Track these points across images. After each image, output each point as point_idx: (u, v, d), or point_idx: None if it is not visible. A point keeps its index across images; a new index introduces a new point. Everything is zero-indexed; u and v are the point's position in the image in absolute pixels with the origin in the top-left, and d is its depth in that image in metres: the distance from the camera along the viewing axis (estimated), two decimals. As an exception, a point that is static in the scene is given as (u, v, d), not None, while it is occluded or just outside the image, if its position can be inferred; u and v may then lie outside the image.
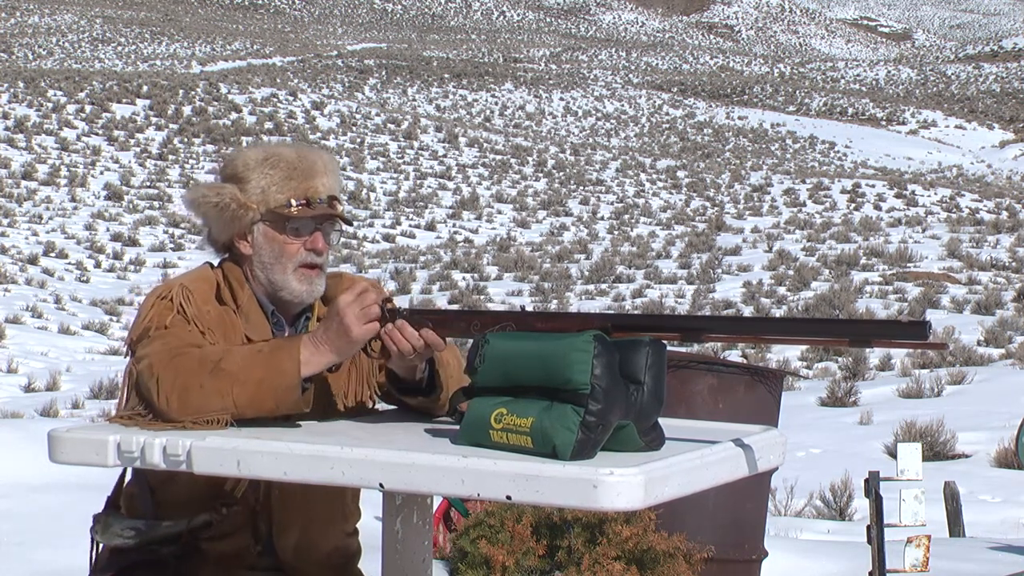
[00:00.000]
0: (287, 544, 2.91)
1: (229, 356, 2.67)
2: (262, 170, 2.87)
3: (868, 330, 2.39)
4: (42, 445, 2.79)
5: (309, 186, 2.87)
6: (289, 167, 2.87)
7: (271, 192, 2.86)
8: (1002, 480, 13.40)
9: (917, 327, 2.28)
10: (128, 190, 50.39)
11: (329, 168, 2.93)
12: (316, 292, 2.91)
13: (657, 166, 64.43)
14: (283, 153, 2.90)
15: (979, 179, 77.22)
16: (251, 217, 2.86)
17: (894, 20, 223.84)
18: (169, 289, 2.85)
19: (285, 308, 2.92)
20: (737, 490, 5.61)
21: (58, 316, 29.99)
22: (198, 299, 2.84)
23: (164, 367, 2.69)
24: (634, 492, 2.20)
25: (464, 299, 32.50)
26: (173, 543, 2.86)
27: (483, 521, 5.98)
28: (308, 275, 2.89)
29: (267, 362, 2.65)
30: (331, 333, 2.65)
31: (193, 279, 2.89)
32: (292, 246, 2.87)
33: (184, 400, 2.65)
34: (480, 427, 2.41)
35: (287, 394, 2.65)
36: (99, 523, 2.91)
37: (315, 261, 2.88)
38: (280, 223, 2.86)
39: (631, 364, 2.38)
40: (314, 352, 2.65)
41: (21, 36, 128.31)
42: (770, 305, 30.68)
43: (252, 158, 2.89)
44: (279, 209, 2.85)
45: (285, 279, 2.87)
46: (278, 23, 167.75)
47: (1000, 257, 35.63)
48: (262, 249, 2.87)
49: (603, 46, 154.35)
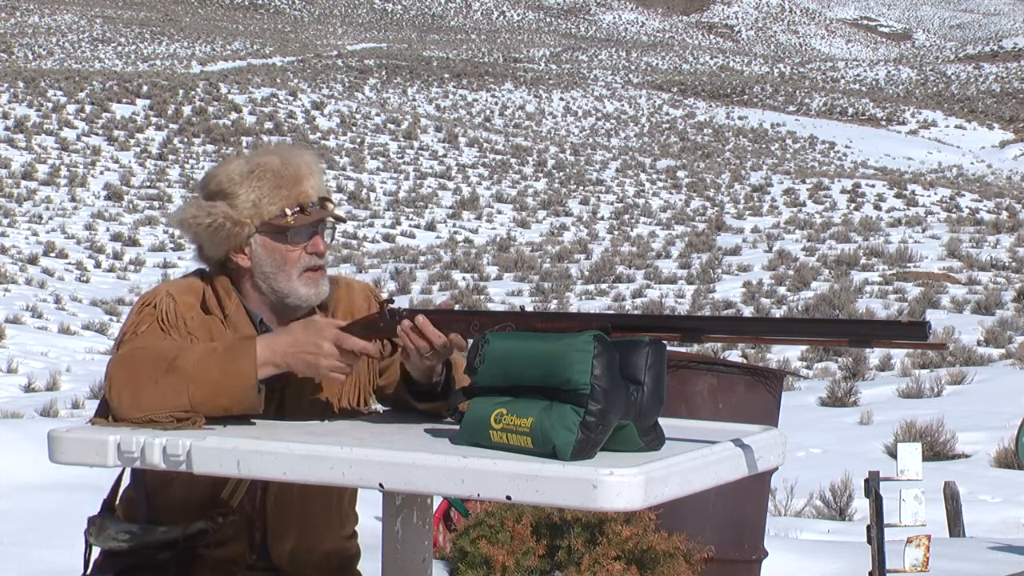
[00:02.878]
0: (283, 550, 2.90)
1: (184, 354, 2.66)
2: (249, 183, 2.84)
3: (868, 330, 2.39)
4: (42, 445, 2.79)
5: (300, 192, 2.85)
6: (276, 176, 2.85)
7: (263, 204, 2.83)
8: (1002, 480, 13.40)
9: (917, 327, 2.28)
10: (128, 190, 50.39)
11: (314, 168, 2.91)
12: (323, 293, 2.90)
13: (657, 166, 64.43)
14: (267, 162, 2.87)
15: (979, 179, 77.23)
16: (247, 232, 2.84)
17: (894, 20, 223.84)
18: (155, 296, 2.85)
19: (286, 312, 2.91)
20: (737, 490, 5.61)
21: (58, 316, 30.00)
22: (182, 308, 2.83)
23: (118, 365, 2.68)
24: (634, 492, 2.20)
25: (464, 299, 32.50)
26: (170, 549, 2.85)
27: (483, 521, 5.98)
28: (313, 278, 2.88)
29: (223, 362, 2.64)
30: (298, 354, 2.66)
31: (180, 288, 2.88)
32: (294, 253, 2.86)
33: (136, 397, 2.63)
34: (480, 427, 2.41)
35: (243, 394, 2.64)
36: (94, 526, 2.90)
37: (318, 263, 2.88)
38: (278, 233, 2.85)
39: (631, 364, 2.38)
40: (271, 357, 2.66)
41: (21, 36, 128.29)
42: (770, 305, 30.68)
43: (236, 172, 2.86)
44: (275, 220, 2.84)
45: (291, 286, 2.86)
46: (278, 23, 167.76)
47: (1000, 257, 35.63)
48: (262, 260, 2.86)
49: (603, 46, 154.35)
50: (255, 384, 2.65)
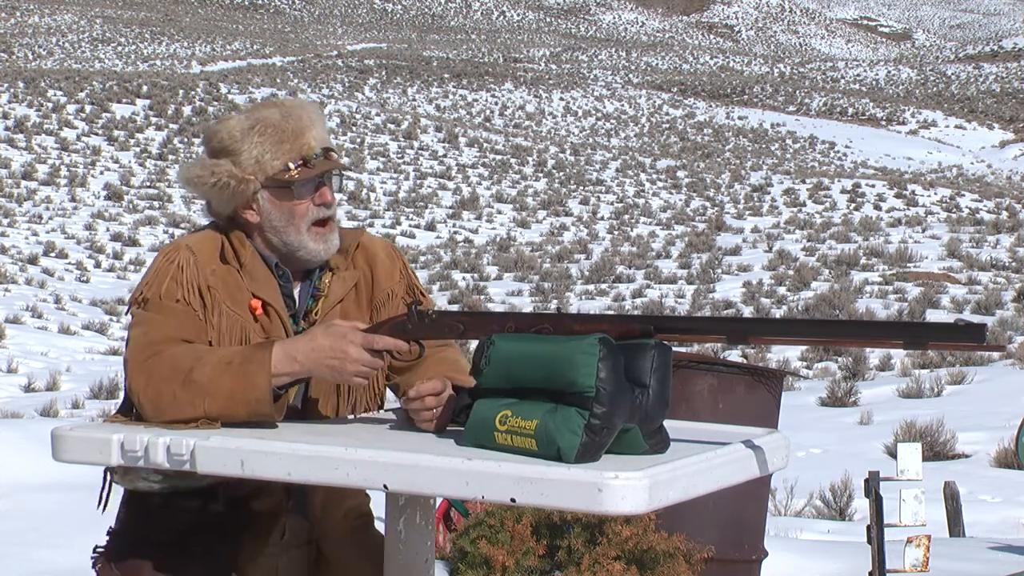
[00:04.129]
0: (315, 499, 2.91)
1: (200, 366, 2.66)
2: (251, 139, 2.84)
3: (923, 332, 2.33)
4: (42, 445, 2.79)
5: (303, 144, 2.85)
6: (278, 130, 2.84)
7: (266, 160, 2.83)
8: (1002, 480, 13.40)
9: (975, 330, 2.24)
10: (128, 190, 50.37)
11: (316, 119, 2.90)
12: (332, 247, 2.90)
13: (657, 166, 64.41)
14: (268, 116, 2.86)
15: (979, 179, 77.20)
16: (252, 188, 2.84)
17: (894, 20, 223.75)
18: (176, 250, 2.86)
19: (299, 265, 2.91)
20: (737, 490, 5.59)
21: (58, 316, 29.98)
22: (203, 260, 2.83)
23: (138, 368, 2.69)
24: (639, 496, 2.20)
25: (464, 299, 32.49)
26: (211, 499, 2.81)
27: (483, 521, 5.98)
28: (322, 233, 2.88)
29: (237, 374, 2.64)
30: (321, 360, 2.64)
31: (199, 239, 2.89)
32: (301, 206, 2.85)
33: (157, 407, 2.66)
34: (485, 429, 2.41)
35: (258, 406, 2.64)
36: (117, 471, 2.78)
37: (326, 215, 2.87)
38: (283, 188, 2.84)
39: (636, 367, 2.37)
40: (289, 365, 2.65)
41: (21, 36, 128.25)
42: (770, 305, 30.67)
43: (237, 128, 2.86)
44: (278, 175, 2.84)
45: (300, 239, 2.86)
46: (278, 23, 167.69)
47: (1000, 257, 35.61)
48: (271, 215, 2.86)
49: (603, 46, 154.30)
50: (270, 397, 2.65)
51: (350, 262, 2.95)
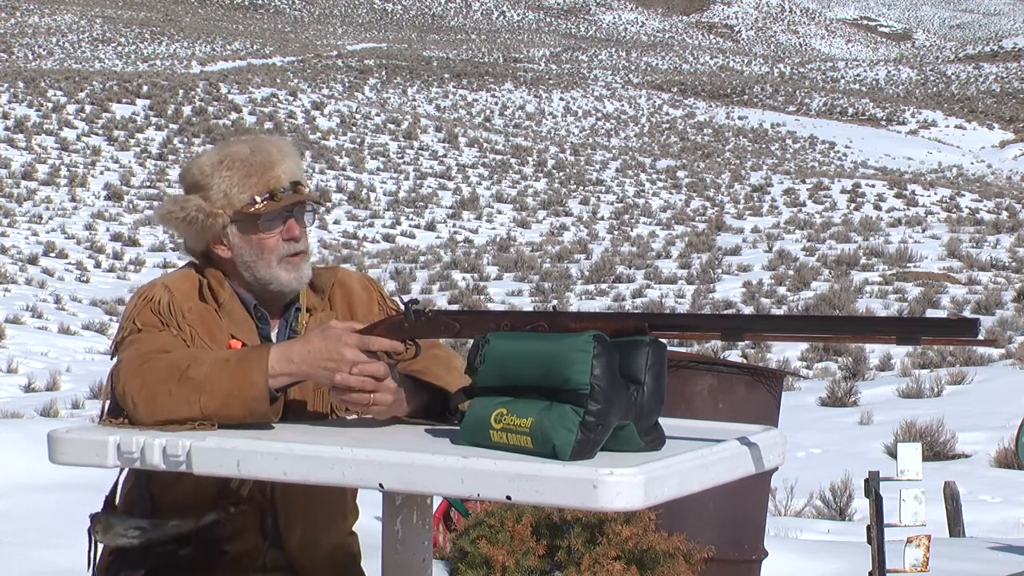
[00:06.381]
0: (293, 540, 2.90)
1: (197, 364, 2.66)
2: (219, 173, 2.85)
3: (915, 328, 2.33)
4: (42, 445, 2.78)
5: (270, 178, 2.85)
6: (245, 164, 2.85)
7: (233, 194, 2.84)
8: (1002, 480, 13.40)
9: (967, 324, 2.24)
10: (128, 190, 50.41)
11: (286, 153, 2.91)
12: (304, 278, 2.90)
13: (657, 166, 64.44)
14: (237, 151, 2.88)
15: (979, 179, 77.23)
16: (221, 223, 2.84)
17: (894, 20, 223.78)
18: (152, 289, 2.86)
19: (274, 300, 2.92)
20: (737, 490, 5.60)
21: (58, 316, 30.00)
22: (180, 298, 2.84)
23: (132, 373, 2.68)
24: (634, 492, 2.20)
25: (464, 299, 32.50)
26: (184, 544, 2.83)
27: (483, 521, 5.98)
28: (293, 262, 2.88)
29: (235, 371, 2.63)
30: (316, 364, 2.62)
31: (175, 279, 2.89)
32: (269, 240, 2.86)
33: (152, 406, 2.64)
34: (480, 427, 2.41)
35: (255, 405, 2.63)
36: (99, 523, 2.86)
37: (296, 249, 2.88)
38: (250, 222, 2.85)
39: (631, 364, 2.37)
40: (285, 367, 2.64)
41: (21, 36, 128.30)
42: (770, 305, 30.69)
43: (207, 163, 2.87)
44: (245, 209, 2.84)
45: (271, 273, 2.86)
46: (278, 23, 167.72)
47: (1000, 257, 35.62)
48: (241, 250, 2.86)
49: (603, 46, 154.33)
50: (267, 396, 2.64)
51: (326, 302, 2.96)
